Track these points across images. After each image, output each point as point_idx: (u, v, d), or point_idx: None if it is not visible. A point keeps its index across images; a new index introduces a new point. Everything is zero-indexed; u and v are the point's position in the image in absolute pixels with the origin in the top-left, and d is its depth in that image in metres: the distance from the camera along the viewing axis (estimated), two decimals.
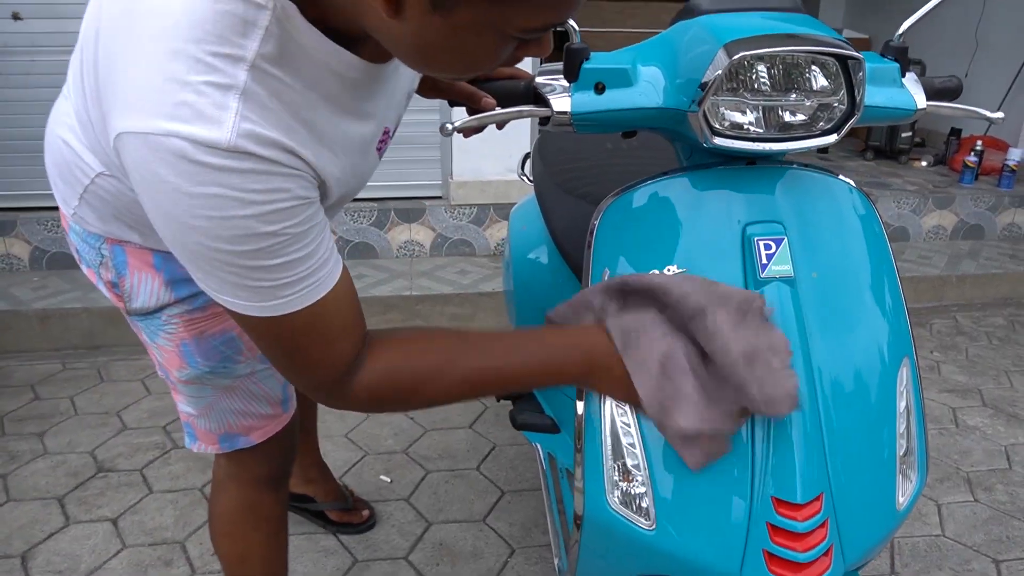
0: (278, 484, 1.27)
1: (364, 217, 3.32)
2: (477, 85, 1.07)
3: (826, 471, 0.85)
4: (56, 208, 1.00)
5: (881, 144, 4.50)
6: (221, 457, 1.20)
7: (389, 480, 2.11)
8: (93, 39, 0.72)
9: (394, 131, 0.96)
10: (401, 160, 3.30)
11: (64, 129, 0.90)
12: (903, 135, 4.40)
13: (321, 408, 1.99)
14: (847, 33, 5.53)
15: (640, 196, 0.95)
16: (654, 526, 0.87)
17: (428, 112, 3.12)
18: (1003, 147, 4.12)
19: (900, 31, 0.99)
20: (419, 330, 0.86)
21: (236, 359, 1.06)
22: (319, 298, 0.73)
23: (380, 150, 0.92)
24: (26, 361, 2.80)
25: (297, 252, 0.69)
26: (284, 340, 0.75)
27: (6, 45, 3.07)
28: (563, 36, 0.92)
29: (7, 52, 3.08)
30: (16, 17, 3.02)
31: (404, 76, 0.92)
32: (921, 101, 0.99)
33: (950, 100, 1.10)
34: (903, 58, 0.98)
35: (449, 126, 0.93)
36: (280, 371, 0.80)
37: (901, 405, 0.93)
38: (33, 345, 2.86)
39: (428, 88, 1.14)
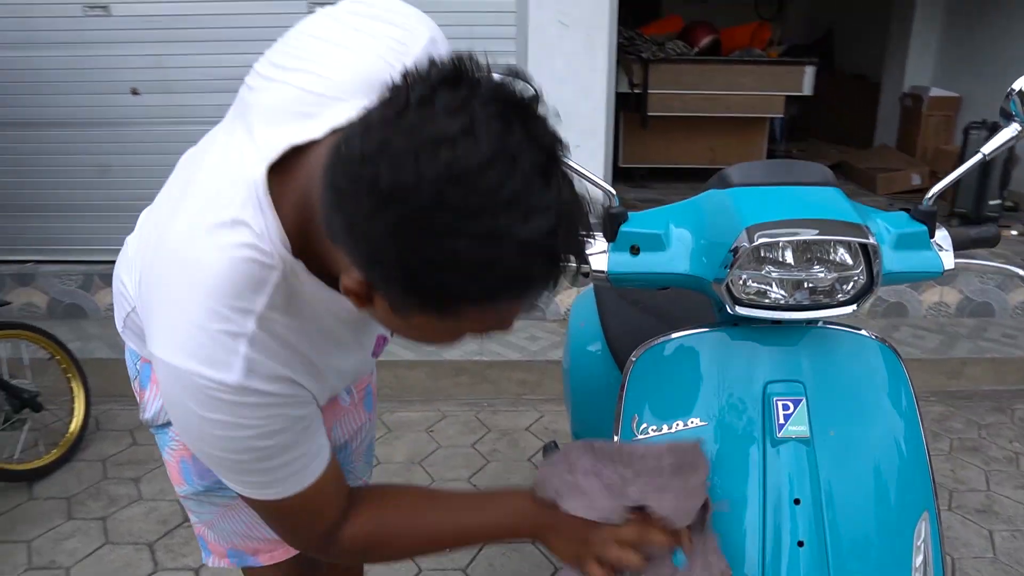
0: (311, 570, 1.26)
1: None
2: None
3: None
4: None
5: (968, 210, 4.37)
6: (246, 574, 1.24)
7: (448, 550, 2.21)
8: (146, 249, 0.87)
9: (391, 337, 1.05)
10: None
11: (124, 273, 1.02)
12: (991, 202, 4.27)
13: None
14: (935, 92, 5.41)
15: (670, 347, 1.03)
16: None
17: None
18: None
19: (929, 196, 1.04)
20: (389, 490, 0.98)
21: None
22: (309, 484, 0.83)
23: (376, 353, 1.05)
24: (127, 406, 3.04)
25: (289, 455, 0.80)
26: (277, 515, 0.87)
27: (125, 117, 3.41)
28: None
29: (126, 123, 3.42)
30: (134, 92, 3.35)
31: None
32: (949, 262, 1.03)
33: (988, 247, 1.14)
34: (931, 221, 1.03)
35: None
36: (271, 527, 0.92)
37: (918, 560, 0.97)
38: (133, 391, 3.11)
39: None
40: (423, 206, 0.57)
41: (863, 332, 1.06)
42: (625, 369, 1.07)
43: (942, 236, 1.05)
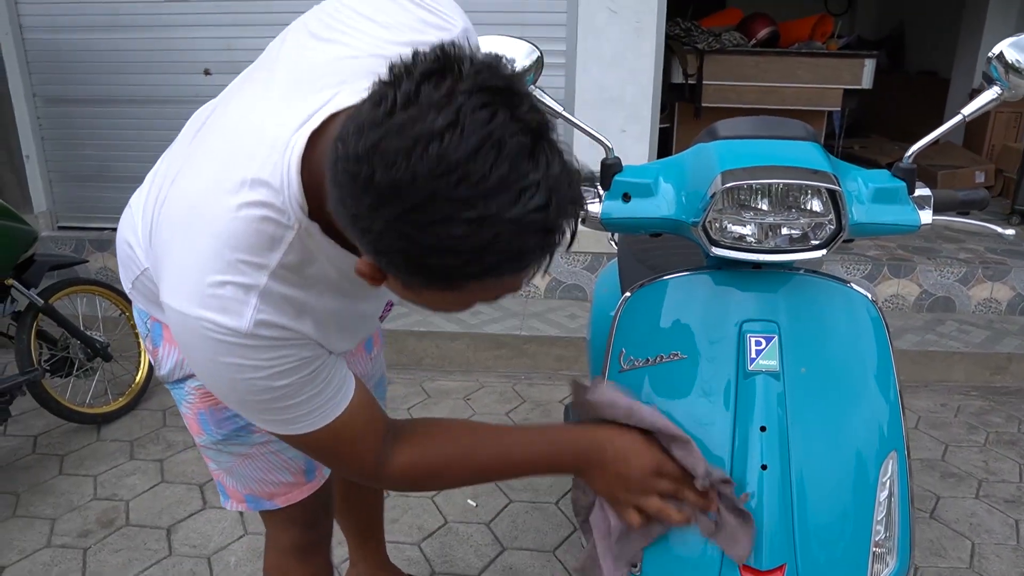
0: (305, 554, 1.33)
1: None
2: None
3: (793, 544, 0.97)
4: None
5: None
6: (263, 517, 1.32)
7: (475, 504, 2.32)
8: (156, 206, 0.89)
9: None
10: None
11: (129, 234, 1.05)
12: None
13: None
14: None
15: (658, 289, 1.12)
16: (640, 570, 1.02)
17: None
18: None
19: (909, 153, 1.10)
20: (439, 424, 1.02)
21: (250, 428, 1.13)
22: (337, 416, 0.89)
23: (383, 317, 1.12)
24: None
25: (309, 391, 0.85)
26: (316, 448, 0.93)
27: (197, 96, 3.60)
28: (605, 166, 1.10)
29: (198, 102, 3.61)
30: (207, 73, 3.57)
31: None
32: (926, 218, 1.09)
33: (979, 209, 1.18)
34: (910, 178, 1.08)
35: None
36: (326, 464, 0.99)
37: (882, 494, 1.03)
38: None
39: None
40: (418, 200, 0.60)
41: (848, 284, 1.12)
42: (616, 308, 1.15)
43: (923, 193, 1.10)
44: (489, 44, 1.10)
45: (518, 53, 1.12)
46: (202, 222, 0.79)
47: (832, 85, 4.77)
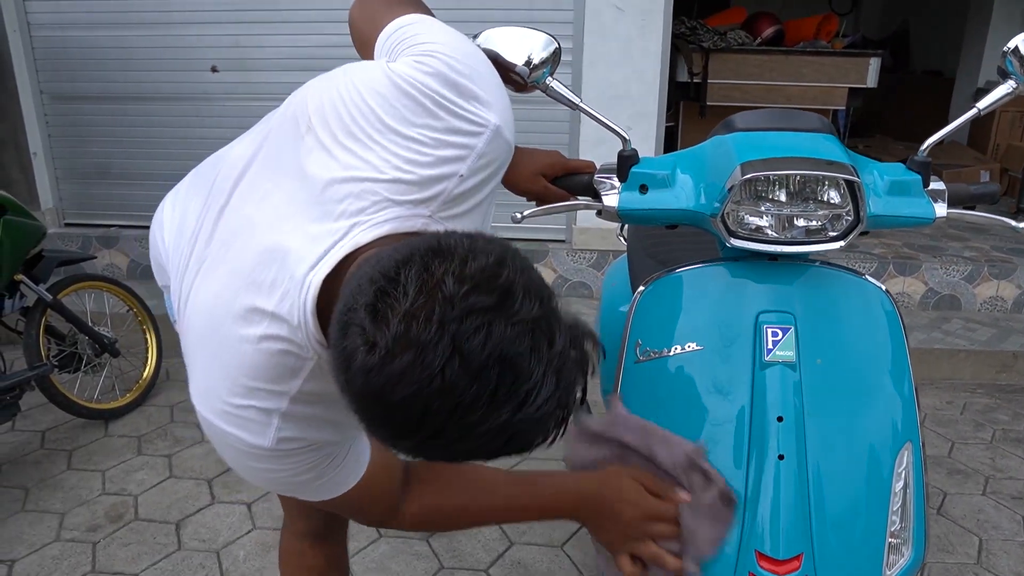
0: (319, 539, 1.36)
1: None
2: (552, 181, 1.24)
3: (810, 534, 0.98)
4: None
5: None
6: (281, 503, 1.38)
7: None
8: (184, 290, 0.87)
9: None
10: (529, 205, 3.56)
11: (162, 232, 1.08)
12: None
13: None
14: None
15: (675, 280, 1.12)
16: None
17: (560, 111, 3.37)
18: None
19: (924, 147, 1.10)
20: (445, 475, 1.03)
21: None
22: (355, 483, 0.93)
23: None
24: None
25: (332, 472, 0.89)
26: (339, 506, 0.96)
27: (204, 93, 3.64)
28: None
29: (205, 99, 3.65)
30: (214, 70, 3.58)
31: None
32: (941, 211, 1.09)
33: (989, 203, 1.19)
34: (925, 171, 1.09)
35: (518, 215, 1.14)
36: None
37: (898, 485, 1.03)
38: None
39: (511, 185, 1.35)
40: (434, 429, 0.61)
41: (863, 276, 1.12)
42: (632, 300, 1.16)
43: (937, 187, 1.10)
44: (508, 35, 1.11)
45: (535, 44, 1.12)
46: (222, 347, 0.79)
47: (837, 84, 4.77)
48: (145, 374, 2.95)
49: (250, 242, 0.81)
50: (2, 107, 3.72)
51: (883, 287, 1.12)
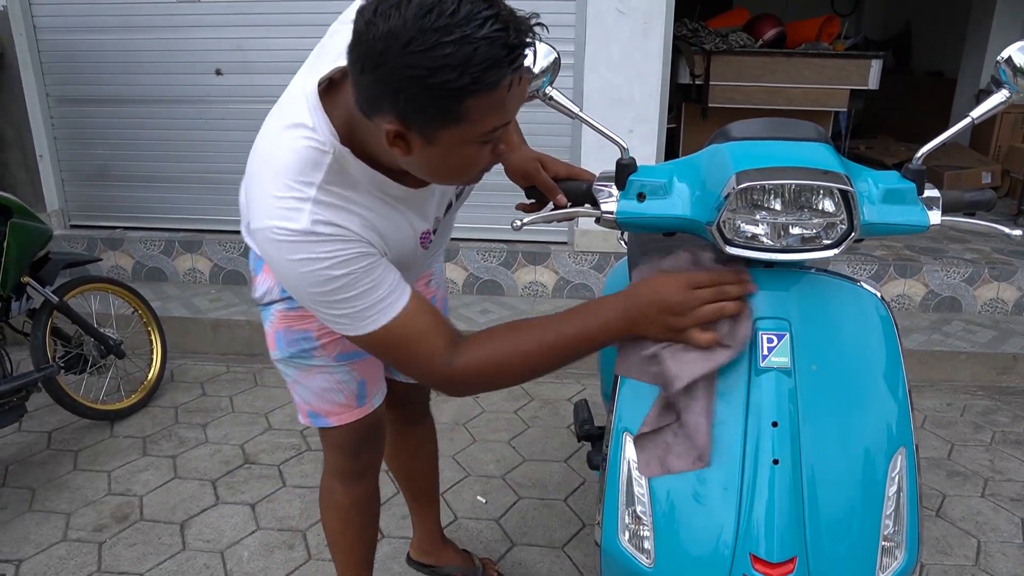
0: (350, 478, 1.57)
1: (494, 257, 3.62)
2: (556, 183, 1.29)
3: (804, 538, 0.99)
4: (233, 232, 1.36)
5: None
6: (322, 439, 1.55)
7: (484, 501, 2.35)
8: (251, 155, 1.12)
9: (435, 233, 1.27)
10: (524, 214, 3.58)
11: (243, 193, 1.27)
12: None
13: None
14: None
15: None
16: (653, 564, 1.04)
17: (560, 137, 3.40)
18: None
19: (919, 155, 1.12)
20: (496, 327, 1.13)
21: (311, 353, 1.38)
22: (396, 315, 1.05)
23: (424, 242, 1.23)
24: (199, 361, 3.30)
25: (365, 284, 1.02)
26: (386, 348, 1.08)
27: (208, 96, 3.66)
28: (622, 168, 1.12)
29: (209, 102, 3.67)
30: (218, 72, 3.60)
31: (439, 195, 1.23)
32: (935, 218, 1.11)
33: (985, 210, 1.20)
34: (920, 179, 1.10)
35: (518, 222, 1.16)
36: (399, 369, 1.12)
37: (891, 489, 1.05)
38: (205, 348, 3.37)
39: (519, 178, 1.38)
40: (412, 35, 0.83)
41: (858, 282, 1.14)
42: None
43: (932, 194, 1.12)
44: None
45: (536, 54, 1.14)
46: (265, 160, 1.05)
47: (838, 86, 4.78)
48: (150, 375, 2.97)
49: (284, 96, 1.11)
50: (8, 110, 3.75)
51: (878, 293, 1.14)
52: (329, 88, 1.05)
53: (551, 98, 1.16)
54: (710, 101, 4.81)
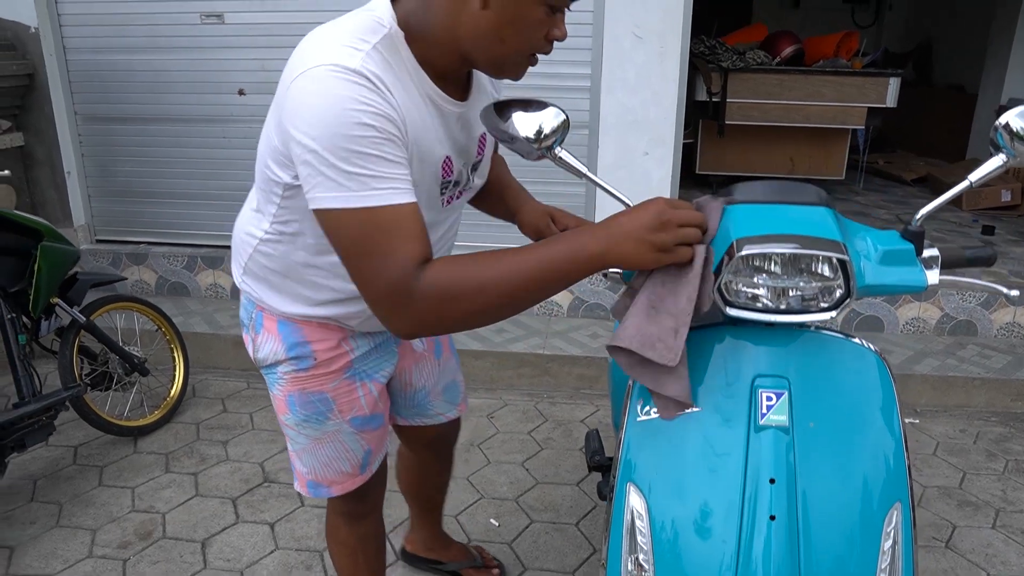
0: (355, 518, 1.60)
1: None
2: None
3: None
4: None
5: None
6: None
7: (497, 524, 2.39)
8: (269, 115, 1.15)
9: (464, 189, 1.29)
10: None
11: (243, 222, 1.31)
12: None
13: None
14: None
15: None
16: None
17: (575, 185, 3.43)
18: None
19: (918, 217, 1.15)
20: (467, 255, 1.06)
21: (327, 416, 1.38)
22: (397, 202, 1.00)
23: (445, 172, 1.21)
24: (220, 377, 3.38)
25: (384, 153, 1.00)
26: (363, 236, 1.00)
27: (231, 115, 3.74)
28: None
29: (232, 121, 3.75)
30: (241, 93, 3.68)
31: (465, 132, 1.24)
32: (933, 278, 1.14)
33: (986, 266, 1.23)
34: (918, 241, 1.13)
35: None
36: (358, 274, 1.03)
37: (886, 544, 1.08)
38: (227, 364, 3.44)
39: (531, 232, 1.44)
40: None
41: (855, 340, 1.17)
42: None
43: (930, 253, 1.15)
44: (517, 103, 1.17)
45: (545, 116, 1.19)
46: (318, 33, 1.07)
47: (856, 104, 4.78)
48: (173, 392, 3.05)
49: None
50: (40, 129, 3.85)
51: (875, 349, 1.17)
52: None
53: (560, 158, 1.20)
54: (727, 118, 4.83)
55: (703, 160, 5.18)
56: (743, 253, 1.03)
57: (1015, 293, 1.14)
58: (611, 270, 1.20)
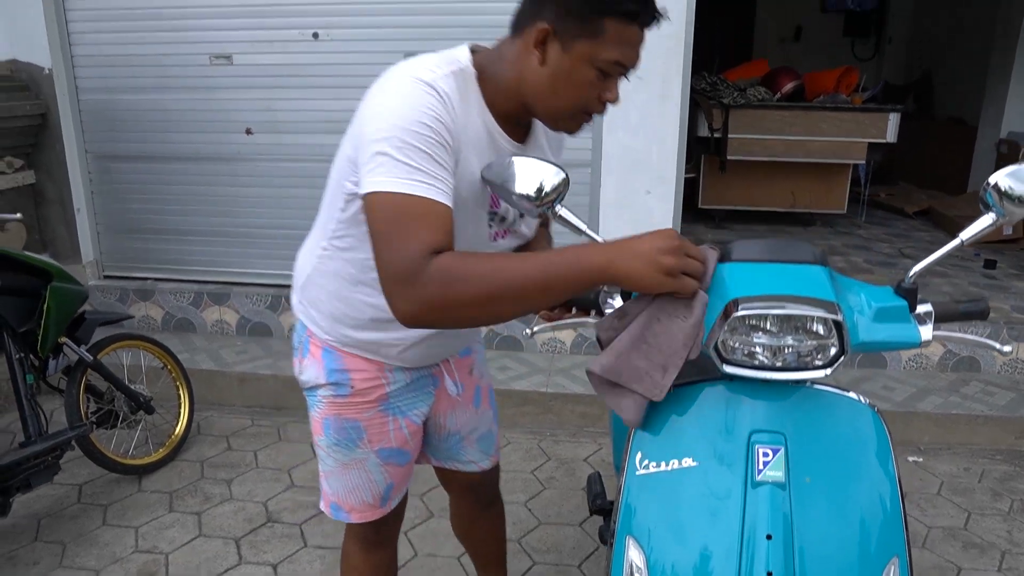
0: (369, 546, 1.63)
1: None
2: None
3: None
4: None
5: None
6: None
7: None
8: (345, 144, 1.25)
9: (510, 228, 1.37)
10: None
11: (304, 249, 1.43)
12: None
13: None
14: None
15: (677, 395, 1.19)
16: None
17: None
18: None
19: (911, 274, 1.17)
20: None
21: (356, 444, 1.46)
22: (435, 198, 1.09)
23: (493, 205, 1.31)
24: (225, 414, 3.39)
25: (435, 155, 1.11)
26: (398, 218, 1.08)
27: (239, 154, 3.80)
28: None
29: (239, 160, 3.81)
30: (248, 132, 3.74)
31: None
32: (927, 334, 1.15)
33: (979, 320, 1.25)
34: (912, 297, 1.16)
35: (528, 332, 1.23)
36: (381, 254, 1.10)
37: None
38: (231, 400, 3.46)
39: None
40: None
41: (851, 395, 1.19)
42: None
43: (924, 309, 1.17)
44: (523, 166, 1.20)
45: (545, 175, 1.22)
46: (409, 62, 1.19)
47: (857, 139, 4.84)
48: (177, 430, 3.06)
49: None
50: (51, 167, 3.92)
51: (869, 403, 1.19)
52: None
53: (561, 216, 1.23)
54: (729, 154, 4.88)
55: (705, 195, 5.23)
56: (739, 313, 1.05)
57: (1007, 349, 1.16)
58: (608, 300, 1.23)
